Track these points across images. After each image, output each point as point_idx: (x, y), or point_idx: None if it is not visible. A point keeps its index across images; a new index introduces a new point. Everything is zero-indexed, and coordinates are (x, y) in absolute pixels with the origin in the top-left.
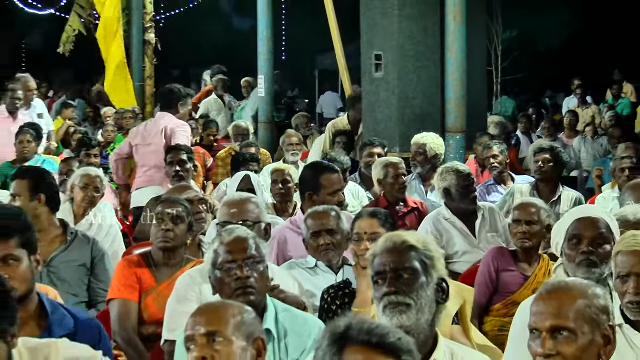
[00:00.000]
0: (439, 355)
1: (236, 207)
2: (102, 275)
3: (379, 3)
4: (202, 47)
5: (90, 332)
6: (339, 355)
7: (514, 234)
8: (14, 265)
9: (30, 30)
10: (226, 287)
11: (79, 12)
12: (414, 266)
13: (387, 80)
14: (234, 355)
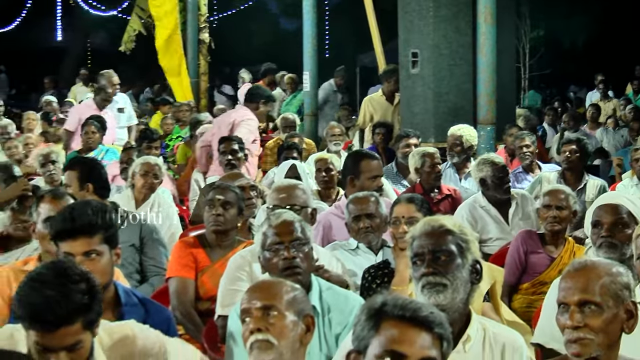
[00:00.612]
0: (471, 330)
1: (285, 193)
2: (151, 252)
3: (415, 5)
4: (251, 46)
5: (159, 320)
6: (376, 329)
7: (544, 218)
8: (96, 259)
9: (95, 30)
10: (274, 266)
11: (139, 13)
12: (450, 249)
13: (423, 76)
14: (286, 329)
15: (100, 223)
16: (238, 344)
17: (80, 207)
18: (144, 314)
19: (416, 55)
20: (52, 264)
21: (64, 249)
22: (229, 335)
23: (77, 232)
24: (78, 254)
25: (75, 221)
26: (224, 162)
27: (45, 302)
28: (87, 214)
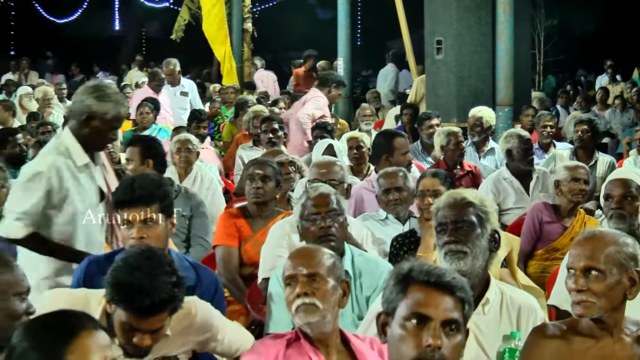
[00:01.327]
0: (490, 294)
1: (325, 168)
2: (198, 224)
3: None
4: (290, 34)
5: (209, 283)
6: (403, 293)
7: (570, 190)
8: (153, 226)
9: (149, 21)
10: (311, 234)
11: (188, 4)
12: (471, 219)
13: (446, 62)
14: (328, 293)
15: (158, 194)
16: (278, 304)
17: (141, 179)
18: (195, 277)
19: (440, 43)
20: (147, 252)
21: (124, 217)
22: (270, 296)
23: (137, 201)
24: (137, 221)
25: (136, 191)
26: (265, 140)
27: (142, 291)
28: (146, 185)
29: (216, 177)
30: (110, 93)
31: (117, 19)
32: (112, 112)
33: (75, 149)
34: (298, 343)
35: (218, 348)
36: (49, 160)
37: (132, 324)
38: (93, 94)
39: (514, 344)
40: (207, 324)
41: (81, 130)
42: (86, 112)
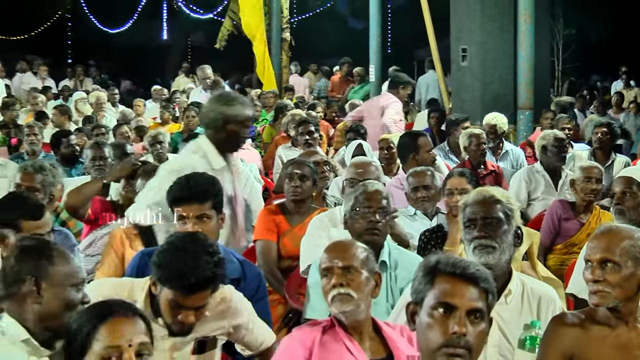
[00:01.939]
0: (512, 285)
1: (362, 168)
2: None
3: (465, 7)
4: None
5: (252, 277)
6: (431, 283)
7: (583, 189)
8: (206, 222)
9: (194, 31)
10: (358, 226)
11: (231, 16)
12: (499, 216)
13: (471, 68)
14: (362, 284)
15: (211, 191)
16: (316, 293)
17: (195, 178)
18: (241, 269)
19: (465, 51)
20: (191, 235)
21: (180, 213)
22: (309, 285)
23: (192, 198)
24: (191, 216)
25: (192, 189)
26: (302, 142)
27: (187, 270)
28: (200, 184)
29: (256, 176)
30: (236, 97)
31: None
32: (242, 114)
33: (212, 153)
34: (333, 330)
35: (246, 337)
36: (187, 160)
37: (177, 302)
38: (222, 102)
39: (534, 332)
40: (240, 311)
41: (218, 135)
42: (221, 118)
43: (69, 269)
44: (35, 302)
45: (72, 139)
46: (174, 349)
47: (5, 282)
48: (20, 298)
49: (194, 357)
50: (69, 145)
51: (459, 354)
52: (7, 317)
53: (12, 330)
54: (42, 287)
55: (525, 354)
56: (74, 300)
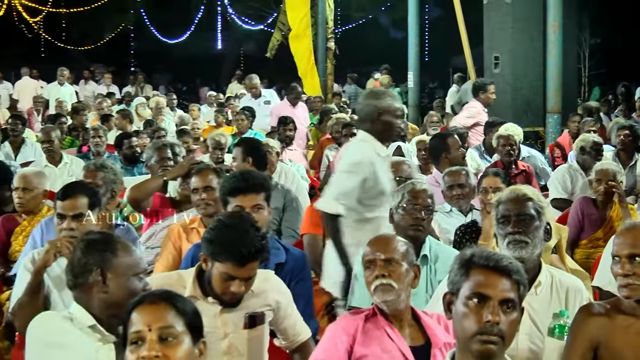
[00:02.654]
0: (542, 277)
1: (394, 167)
2: (289, 216)
3: (497, 18)
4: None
5: (295, 262)
6: (466, 275)
7: (596, 189)
8: (260, 211)
9: (246, 41)
10: (404, 222)
11: (280, 27)
12: (531, 213)
13: (503, 75)
14: (402, 275)
15: (265, 185)
16: (361, 284)
17: (249, 172)
18: (285, 254)
19: (497, 59)
20: (237, 214)
21: (236, 203)
22: (354, 277)
23: (249, 190)
24: (248, 206)
25: (248, 181)
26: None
27: (240, 243)
28: (256, 177)
29: (303, 175)
30: (385, 92)
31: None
32: (393, 105)
33: (376, 144)
34: (375, 318)
35: (284, 323)
36: (365, 152)
37: (230, 273)
38: (373, 97)
39: (563, 320)
40: (281, 292)
41: (375, 127)
42: (375, 111)
43: (131, 260)
44: (101, 291)
45: (133, 141)
46: (226, 325)
47: (73, 273)
48: (87, 288)
49: (245, 332)
50: (131, 146)
51: (493, 341)
52: (76, 305)
53: (80, 317)
54: (107, 277)
55: (555, 341)
56: (136, 289)
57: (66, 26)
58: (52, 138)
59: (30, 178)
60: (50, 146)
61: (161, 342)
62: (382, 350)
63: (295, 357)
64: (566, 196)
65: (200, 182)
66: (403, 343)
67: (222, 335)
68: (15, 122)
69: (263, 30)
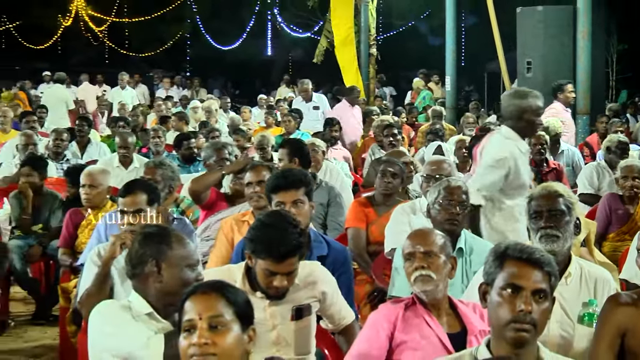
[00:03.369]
0: (572, 268)
1: (436, 165)
2: (334, 211)
3: (530, 25)
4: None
5: (337, 255)
6: (501, 267)
7: (622, 185)
8: (301, 206)
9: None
10: (440, 216)
11: (326, 34)
12: (562, 208)
13: (535, 79)
14: (440, 267)
15: (304, 181)
16: (400, 275)
17: (289, 170)
18: (327, 248)
19: (530, 64)
20: (276, 213)
21: (277, 199)
22: (394, 268)
23: (289, 186)
24: (288, 202)
25: (288, 178)
26: (387, 142)
27: (277, 241)
28: (295, 174)
29: (347, 172)
30: (529, 92)
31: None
32: (535, 104)
33: (518, 140)
34: (414, 307)
35: (331, 309)
36: (509, 148)
37: (271, 269)
38: (517, 96)
39: (592, 309)
40: (326, 281)
41: (518, 125)
42: (518, 110)
43: (185, 252)
44: (156, 281)
45: (192, 142)
46: (274, 317)
47: (131, 264)
48: (144, 277)
49: (293, 324)
50: (189, 147)
51: (525, 329)
52: (134, 293)
53: (137, 305)
54: (162, 268)
55: (584, 329)
56: (189, 279)
57: (128, 35)
58: (128, 145)
59: (95, 176)
60: (126, 152)
61: (210, 330)
62: (421, 336)
63: (341, 339)
64: (592, 192)
65: (254, 177)
66: (441, 330)
67: (270, 327)
68: (82, 123)
69: (310, 37)
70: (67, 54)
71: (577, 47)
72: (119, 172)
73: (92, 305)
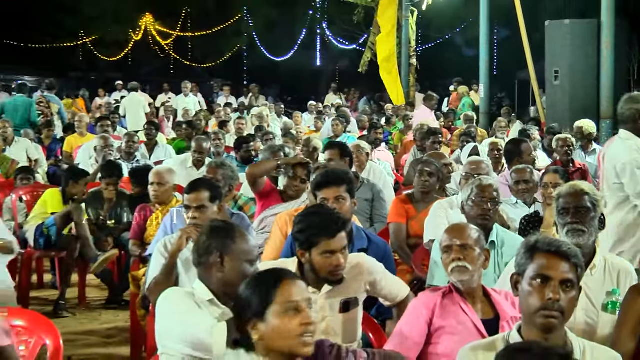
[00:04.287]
0: (596, 260)
1: (475, 165)
2: (378, 205)
3: (557, 38)
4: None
5: (377, 248)
6: (531, 259)
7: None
8: (343, 202)
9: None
10: (473, 212)
11: (370, 46)
12: (587, 205)
13: (562, 86)
14: (475, 258)
15: (345, 178)
16: (438, 266)
17: (332, 169)
18: (367, 242)
19: (557, 72)
20: (314, 205)
21: (322, 195)
22: (432, 260)
23: (331, 183)
24: (331, 198)
25: (331, 176)
26: (428, 145)
27: (325, 219)
28: (337, 172)
29: (389, 172)
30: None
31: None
32: None
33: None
34: (451, 295)
35: (384, 291)
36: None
37: (327, 249)
38: (633, 101)
39: (615, 298)
40: (373, 270)
41: (637, 126)
42: (634, 113)
43: (247, 248)
44: (219, 271)
45: (250, 145)
46: (324, 310)
47: (198, 253)
48: (208, 267)
49: (341, 316)
50: (248, 150)
51: (554, 315)
52: (198, 281)
53: (200, 292)
54: (225, 260)
55: (608, 316)
56: (247, 273)
57: (191, 47)
58: (203, 150)
59: (163, 174)
60: (200, 156)
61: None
62: (457, 322)
63: (396, 311)
64: None
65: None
66: (475, 316)
67: (320, 319)
68: (150, 127)
69: (355, 49)
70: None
71: (601, 57)
72: (191, 172)
73: (160, 292)
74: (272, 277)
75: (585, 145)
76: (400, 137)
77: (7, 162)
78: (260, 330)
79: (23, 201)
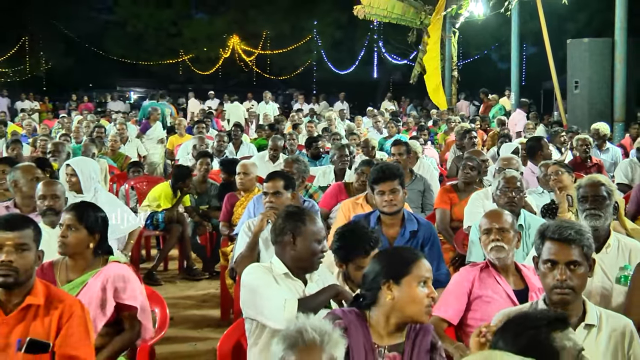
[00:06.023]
0: (611, 240)
1: (507, 161)
2: (428, 195)
3: (578, 53)
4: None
5: (425, 230)
6: (542, 245)
7: None
8: (397, 193)
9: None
10: (501, 201)
11: (420, 61)
12: (603, 194)
13: (582, 95)
14: (510, 239)
15: (397, 173)
16: (476, 245)
17: (387, 164)
18: (417, 224)
19: (577, 83)
20: (349, 223)
21: (379, 188)
22: (471, 240)
23: (387, 178)
24: (387, 190)
25: (385, 172)
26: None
27: (360, 241)
28: (391, 168)
29: (435, 166)
30: None
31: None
32: None
33: None
34: (487, 270)
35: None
36: None
37: (361, 266)
38: None
39: (627, 272)
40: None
41: None
42: None
43: (315, 229)
44: (292, 249)
45: (319, 144)
46: None
47: (275, 233)
48: (283, 245)
49: None
50: (317, 147)
51: (565, 292)
52: (275, 257)
53: (277, 266)
54: (297, 240)
55: (620, 287)
56: (316, 251)
57: (270, 63)
58: (277, 147)
59: (248, 166)
60: (275, 153)
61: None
62: (493, 292)
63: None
64: (627, 182)
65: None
66: (508, 287)
67: None
68: (237, 129)
69: (406, 64)
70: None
71: (615, 70)
72: (268, 165)
73: (245, 265)
74: (410, 253)
75: (601, 145)
76: (443, 137)
77: (122, 157)
78: (394, 292)
79: (134, 189)
